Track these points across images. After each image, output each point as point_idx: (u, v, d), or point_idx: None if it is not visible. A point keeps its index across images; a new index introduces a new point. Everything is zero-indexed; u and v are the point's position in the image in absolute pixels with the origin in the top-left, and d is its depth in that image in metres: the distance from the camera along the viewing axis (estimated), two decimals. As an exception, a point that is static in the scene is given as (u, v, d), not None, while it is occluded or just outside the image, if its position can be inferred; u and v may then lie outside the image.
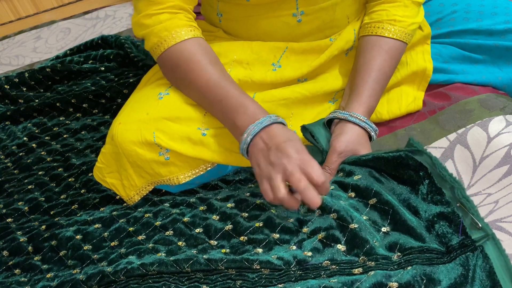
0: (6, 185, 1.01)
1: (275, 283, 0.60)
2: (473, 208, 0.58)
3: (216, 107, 0.72)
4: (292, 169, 0.61)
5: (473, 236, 0.56)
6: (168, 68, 0.76)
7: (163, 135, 0.72)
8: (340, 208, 0.65)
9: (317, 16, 0.79)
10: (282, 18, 0.79)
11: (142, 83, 0.86)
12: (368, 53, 0.77)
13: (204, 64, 0.73)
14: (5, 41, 1.84)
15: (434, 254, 0.57)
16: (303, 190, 0.61)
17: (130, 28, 1.66)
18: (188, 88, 0.75)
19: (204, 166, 0.77)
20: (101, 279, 0.66)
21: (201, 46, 0.75)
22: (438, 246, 0.57)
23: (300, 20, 0.78)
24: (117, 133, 0.74)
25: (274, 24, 0.80)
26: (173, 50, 0.74)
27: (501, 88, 0.84)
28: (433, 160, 0.62)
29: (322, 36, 0.82)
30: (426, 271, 0.55)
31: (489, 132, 0.71)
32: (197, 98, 0.74)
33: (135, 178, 0.78)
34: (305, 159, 0.62)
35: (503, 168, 0.67)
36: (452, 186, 0.60)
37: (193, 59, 0.73)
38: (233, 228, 0.70)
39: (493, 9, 0.85)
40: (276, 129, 0.66)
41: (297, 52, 0.82)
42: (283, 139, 0.64)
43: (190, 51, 0.73)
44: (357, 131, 0.73)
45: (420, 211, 0.62)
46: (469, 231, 0.56)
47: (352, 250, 0.60)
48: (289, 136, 0.65)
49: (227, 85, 0.71)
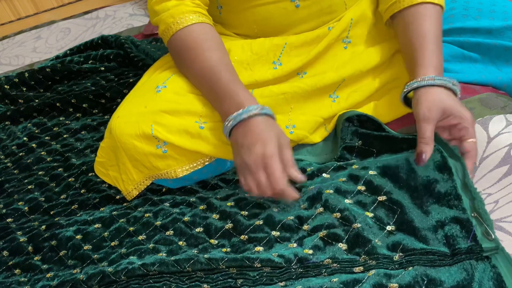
0: (6, 185, 1.01)
1: (276, 281, 0.60)
2: (488, 220, 0.58)
3: (210, 93, 0.74)
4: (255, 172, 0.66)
5: (483, 245, 0.56)
6: (174, 53, 0.79)
7: (160, 127, 0.73)
8: (344, 208, 0.65)
9: (315, 1, 0.79)
10: (280, 3, 0.79)
11: (141, 82, 0.86)
12: (414, 23, 0.75)
13: (202, 50, 0.74)
14: (5, 41, 1.84)
15: (436, 256, 0.57)
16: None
17: (130, 28, 1.66)
18: (188, 73, 0.78)
19: (202, 160, 0.77)
20: (102, 279, 0.66)
21: (203, 32, 0.76)
22: (442, 248, 0.57)
23: (298, 6, 0.79)
24: (115, 126, 0.74)
25: (273, 10, 0.80)
26: (177, 36, 0.76)
27: (501, 88, 0.84)
28: (463, 167, 0.63)
29: (320, 23, 0.82)
30: (427, 272, 0.55)
31: (489, 132, 0.71)
32: (196, 84, 0.77)
33: (133, 172, 0.78)
34: (269, 164, 0.64)
35: (503, 168, 0.67)
36: (473, 197, 0.61)
37: (192, 45, 0.75)
38: (233, 227, 0.71)
39: (491, 7, 0.85)
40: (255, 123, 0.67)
41: (297, 46, 0.83)
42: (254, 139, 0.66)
43: (191, 37, 0.75)
44: (435, 92, 0.68)
45: (431, 211, 0.62)
46: (480, 238, 0.56)
47: (354, 249, 0.61)
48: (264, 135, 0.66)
49: (221, 70, 0.73)
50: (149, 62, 1.20)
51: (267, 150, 0.65)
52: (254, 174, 0.66)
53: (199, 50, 0.75)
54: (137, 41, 1.36)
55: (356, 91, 0.83)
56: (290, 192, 0.66)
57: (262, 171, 0.65)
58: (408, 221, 0.61)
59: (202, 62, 0.74)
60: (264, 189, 0.66)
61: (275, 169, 0.64)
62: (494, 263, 0.55)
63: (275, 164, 0.64)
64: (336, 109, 0.83)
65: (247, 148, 0.66)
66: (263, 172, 0.65)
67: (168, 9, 0.76)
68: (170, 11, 0.76)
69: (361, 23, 0.84)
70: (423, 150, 0.65)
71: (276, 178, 0.64)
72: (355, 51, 0.84)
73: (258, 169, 0.65)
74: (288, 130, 0.80)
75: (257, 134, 0.66)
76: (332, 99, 0.84)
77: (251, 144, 0.66)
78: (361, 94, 0.83)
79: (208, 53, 0.74)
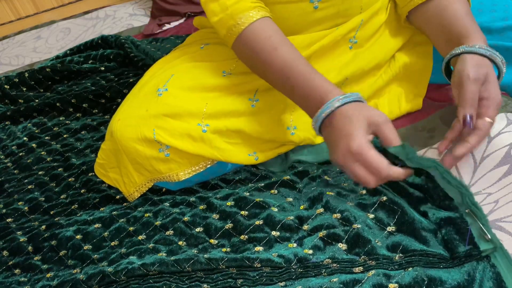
0: (6, 185, 1.01)
1: (276, 281, 0.60)
2: (483, 218, 0.57)
3: (292, 94, 0.70)
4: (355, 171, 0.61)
5: (481, 247, 0.55)
6: (243, 59, 0.76)
7: (163, 131, 0.73)
8: (345, 209, 0.65)
9: (334, 3, 0.78)
10: (300, 3, 0.78)
11: (141, 82, 0.86)
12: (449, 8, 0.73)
13: (270, 50, 0.70)
14: (5, 41, 1.84)
15: (436, 259, 0.57)
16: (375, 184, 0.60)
17: (130, 28, 1.66)
18: (266, 78, 0.74)
19: (204, 163, 0.77)
20: (102, 279, 0.66)
21: (266, 28, 0.72)
22: (442, 251, 0.57)
23: (316, 7, 0.78)
24: (116, 129, 0.74)
25: (291, 10, 0.79)
26: (240, 41, 0.72)
27: (502, 88, 0.83)
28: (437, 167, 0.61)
29: (332, 25, 0.82)
30: (427, 272, 0.55)
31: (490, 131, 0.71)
32: (278, 87, 0.73)
33: (135, 175, 0.78)
34: (360, 158, 0.60)
35: (503, 167, 0.67)
36: (461, 192, 0.59)
37: (258, 48, 0.71)
38: (233, 226, 0.71)
39: (492, 7, 0.85)
40: (336, 119, 0.63)
41: (303, 46, 0.81)
42: (338, 136, 0.62)
43: (255, 39, 0.71)
44: (483, 60, 0.65)
45: (429, 214, 0.61)
46: (477, 240, 0.56)
47: (353, 249, 0.61)
48: (346, 128, 0.61)
49: (293, 67, 0.69)
50: (149, 62, 1.20)
51: (352, 145, 0.60)
52: (351, 171, 0.61)
53: (266, 51, 0.70)
54: (137, 41, 1.36)
55: (358, 91, 0.83)
56: (398, 172, 0.60)
57: (358, 165, 0.60)
58: (408, 222, 0.61)
59: (274, 64, 0.70)
60: (368, 180, 0.61)
61: (370, 158, 0.59)
62: (493, 262, 0.55)
63: (367, 154, 0.59)
64: None
65: (334, 146, 0.63)
66: (359, 166, 0.60)
67: (227, 8, 0.71)
68: (229, 11, 0.72)
69: (370, 24, 0.83)
70: (469, 113, 0.62)
71: (375, 167, 0.59)
72: (359, 51, 0.84)
73: (351, 165, 0.61)
74: (290, 131, 0.79)
75: (340, 130, 0.62)
76: None
77: (336, 142, 0.62)
78: (363, 93, 0.82)
79: (276, 52, 0.70)
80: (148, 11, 1.74)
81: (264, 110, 0.79)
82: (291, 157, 0.82)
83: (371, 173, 0.60)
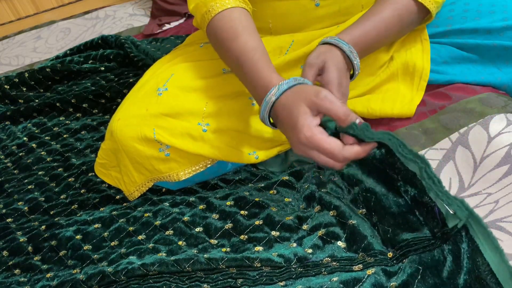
0: (6, 185, 1.01)
1: (276, 281, 0.60)
2: (441, 187, 0.53)
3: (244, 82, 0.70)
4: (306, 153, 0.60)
5: (449, 224, 0.52)
6: (212, 43, 0.76)
7: (163, 131, 0.73)
8: (339, 205, 0.65)
9: (335, 1, 0.79)
10: (300, 1, 0.78)
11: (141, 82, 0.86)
12: (376, 7, 0.74)
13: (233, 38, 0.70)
14: (5, 41, 1.84)
15: (425, 242, 0.56)
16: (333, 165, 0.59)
17: (130, 28, 1.66)
18: (224, 57, 0.73)
19: (204, 163, 0.77)
20: (102, 279, 0.66)
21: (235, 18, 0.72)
22: (426, 231, 0.57)
23: (318, 4, 0.78)
24: (116, 129, 0.74)
25: (292, 6, 0.79)
26: (211, 25, 0.73)
27: (501, 88, 0.84)
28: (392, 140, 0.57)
29: (333, 23, 0.82)
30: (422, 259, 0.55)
31: (490, 131, 0.71)
32: (232, 68, 0.73)
33: (135, 174, 0.78)
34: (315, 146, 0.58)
35: (503, 167, 0.67)
36: (420, 167, 0.55)
37: (224, 35, 0.71)
38: (233, 226, 0.71)
39: (491, 8, 0.85)
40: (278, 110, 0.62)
41: (304, 43, 0.82)
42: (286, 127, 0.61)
43: (222, 26, 0.71)
44: (332, 49, 0.68)
45: (401, 193, 0.60)
46: (446, 217, 0.53)
47: (352, 246, 0.61)
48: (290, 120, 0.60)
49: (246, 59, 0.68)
50: (149, 62, 1.20)
51: (300, 136, 0.59)
52: (312, 159, 0.60)
53: (228, 40, 0.70)
54: (137, 41, 1.35)
55: (354, 88, 0.83)
56: (354, 152, 0.58)
57: (316, 152, 0.59)
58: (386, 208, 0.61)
59: (232, 53, 0.70)
60: (332, 164, 0.59)
61: (321, 145, 0.58)
62: (471, 234, 0.51)
63: (317, 141, 0.58)
64: None
65: (288, 137, 0.62)
66: (317, 152, 0.59)
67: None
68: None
69: None
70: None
71: (329, 152, 0.58)
72: None
73: (309, 154, 0.59)
74: None
75: (286, 124, 0.61)
76: None
77: (287, 135, 0.62)
78: (359, 90, 0.83)
79: (236, 41, 0.69)
80: (148, 11, 1.74)
81: None
82: (291, 157, 0.82)
83: (330, 158, 0.59)
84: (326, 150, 0.58)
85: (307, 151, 0.60)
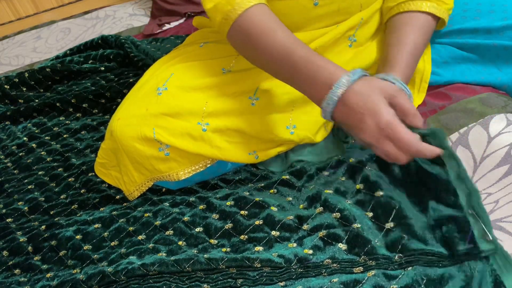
0: (6, 185, 1.01)
1: (276, 281, 0.60)
2: (487, 220, 0.57)
3: (293, 79, 0.68)
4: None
5: (482, 247, 0.55)
6: (238, 44, 0.73)
7: (163, 131, 0.73)
8: (344, 208, 0.65)
9: (334, 0, 0.79)
10: (299, 0, 0.78)
11: (141, 82, 0.86)
12: (402, 29, 0.76)
13: (268, 34, 0.68)
14: (5, 41, 1.84)
15: (435, 257, 0.56)
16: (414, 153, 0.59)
17: (130, 28, 1.66)
18: (260, 63, 0.72)
19: (204, 162, 0.77)
20: (102, 279, 0.66)
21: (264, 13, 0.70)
22: (441, 249, 0.57)
23: (316, 3, 0.78)
24: (116, 128, 0.74)
25: (291, 6, 0.79)
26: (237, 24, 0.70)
27: (501, 88, 0.84)
28: (458, 162, 0.60)
29: (332, 23, 0.82)
30: (427, 272, 0.55)
31: (490, 131, 0.71)
32: (274, 73, 0.71)
33: (135, 174, 0.78)
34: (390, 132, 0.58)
35: (503, 167, 0.67)
36: (469, 192, 0.59)
37: (257, 31, 0.68)
38: (233, 226, 0.71)
39: (491, 7, 0.85)
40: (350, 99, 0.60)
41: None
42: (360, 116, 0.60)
43: (253, 23, 0.69)
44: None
45: (429, 209, 0.61)
46: (478, 240, 0.55)
47: (353, 249, 0.61)
48: (367, 106, 0.59)
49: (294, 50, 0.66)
50: (149, 62, 1.20)
51: (381, 121, 0.58)
52: (381, 149, 0.59)
53: (264, 35, 0.68)
54: (137, 41, 1.36)
55: None
56: (429, 148, 0.58)
57: (388, 142, 0.58)
58: (405, 217, 0.61)
59: (273, 48, 0.67)
60: (399, 157, 0.59)
61: (399, 133, 0.57)
62: (492, 263, 0.55)
63: (396, 129, 0.57)
64: None
65: (358, 128, 0.60)
66: (388, 142, 0.58)
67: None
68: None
69: (370, 23, 0.84)
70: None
71: (405, 143, 0.57)
72: (359, 50, 0.84)
73: (381, 143, 0.59)
74: (289, 130, 0.79)
75: (360, 108, 0.59)
76: None
77: (360, 122, 0.59)
78: None
79: (275, 35, 0.67)
80: (148, 11, 1.74)
81: (263, 109, 0.79)
82: (291, 157, 0.82)
83: (400, 149, 0.58)
84: (402, 140, 0.57)
85: (379, 139, 0.59)
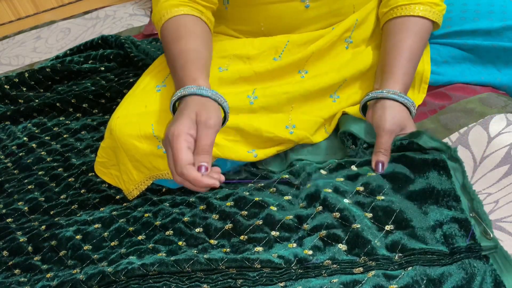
0: (6, 185, 1.01)
1: (276, 282, 0.60)
2: (487, 220, 0.59)
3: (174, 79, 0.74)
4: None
5: (482, 244, 0.56)
6: (162, 43, 0.80)
7: (162, 127, 0.73)
8: (344, 208, 0.65)
9: (325, 2, 0.79)
10: (290, 3, 0.79)
11: (140, 81, 0.86)
12: (398, 35, 0.77)
13: (175, 40, 0.75)
14: (5, 41, 1.84)
15: (435, 256, 0.57)
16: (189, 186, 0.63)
17: (130, 28, 1.66)
18: (167, 59, 0.78)
19: None
20: (102, 279, 0.66)
21: (179, 23, 0.76)
22: (441, 247, 0.57)
23: (308, 6, 0.79)
24: (116, 127, 0.74)
25: (282, 9, 0.80)
26: (163, 28, 0.78)
27: (501, 88, 0.84)
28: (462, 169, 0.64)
29: (327, 25, 0.82)
30: (427, 272, 0.55)
31: (490, 131, 0.71)
32: (170, 67, 0.77)
33: (134, 172, 0.78)
34: (172, 143, 0.63)
35: (503, 168, 0.67)
36: (471, 199, 0.61)
37: (169, 38, 0.76)
38: (233, 227, 0.71)
39: (490, 8, 0.85)
40: (181, 105, 0.67)
41: (299, 44, 0.83)
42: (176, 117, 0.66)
43: (169, 30, 0.76)
44: (398, 107, 0.72)
45: (430, 212, 0.62)
46: (479, 237, 0.56)
47: (353, 249, 0.60)
48: (180, 113, 0.65)
49: (180, 59, 0.72)
50: (149, 62, 1.20)
51: (173, 129, 0.63)
52: (167, 153, 0.65)
53: (172, 41, 0.75)
54: (137, 41, 1.36)
55: (356, 92, 0.83)
56: (195, 178, 0.60)
57: (170, 150, 0.63)
58: (406, 220, 0.61)
59: (172, 51, 0.74)
60: (171, 167, 0.64)
61: (177, 148, 0.62)
62: (492, 262, 0.55)
63: (177, 143, 0.62)
64: (336, 109, 0.83)
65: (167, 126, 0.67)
66: (170, 151, 0.63)
67: (156, 5, 0.78)
68: (158, 8, 0.78)
69: (365, 25, 0.84)
70: (382, 160, 0.68)
71: (176, 158, 0.61)
72: (356, 51, 0.84)
73: (166, 149, 0.64)
74: (288, 130, 0.79)
75: (176, 115, 0.67)
76: (332, 99, 0.84)
77: (171, 122, 0.66)
78: (362, 94, 0.83)
79: (178, 43, 0.74)
80: (148, 11, 1.74)
81: (262, 108, 0.79)
82: (291, 157, 0.82)
83: (173, 164, 0.62)
84: (174, 156, 0.62)
85: (164, 147, 0.65)
